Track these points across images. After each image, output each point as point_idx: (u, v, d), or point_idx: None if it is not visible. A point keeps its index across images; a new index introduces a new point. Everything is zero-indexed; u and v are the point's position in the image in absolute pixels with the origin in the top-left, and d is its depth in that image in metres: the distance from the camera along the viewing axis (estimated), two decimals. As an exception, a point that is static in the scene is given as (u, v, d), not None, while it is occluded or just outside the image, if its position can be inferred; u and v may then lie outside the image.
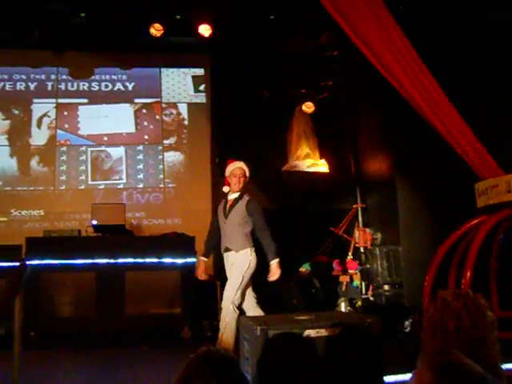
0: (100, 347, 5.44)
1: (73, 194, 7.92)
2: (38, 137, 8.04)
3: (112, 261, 5.86)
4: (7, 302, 3.03)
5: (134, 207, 7.77)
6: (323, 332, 2.82)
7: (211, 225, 4.83)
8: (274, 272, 4.50)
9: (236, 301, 4.41)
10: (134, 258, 5.96)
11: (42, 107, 8.14)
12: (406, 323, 5.42)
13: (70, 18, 7.42)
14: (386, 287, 6.78)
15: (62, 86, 8.21)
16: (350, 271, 7.19)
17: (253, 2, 7.16)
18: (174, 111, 8.36)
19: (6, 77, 8.13)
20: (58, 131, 8.08)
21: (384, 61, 4.85)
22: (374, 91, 7.24)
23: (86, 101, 8.22)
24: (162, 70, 8.43)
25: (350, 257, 7.39)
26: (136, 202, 7.90)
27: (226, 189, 4.77)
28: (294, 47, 7.81)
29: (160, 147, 8.20)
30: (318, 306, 7.22)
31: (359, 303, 6.97)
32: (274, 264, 4.49)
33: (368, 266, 7.09)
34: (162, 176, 8.09)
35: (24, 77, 8.17)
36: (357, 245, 7.54)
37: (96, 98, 8.24)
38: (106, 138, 8.15)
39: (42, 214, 7.74)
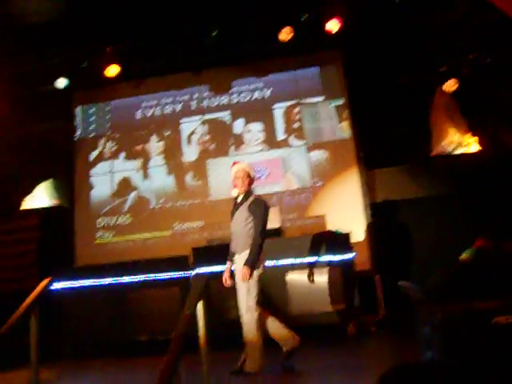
0: (268, 347, 5.64)
1: (226, 204, 8.28)
2: (189, 153, 8.63)
3: (272, 263, 6.04)
4: (194, 307, 3.30)
5: (286, 209, 7.91)
6: (515, 319, 2.63)
7: None
8: (239, 272, 4.38)
9: (252, 307, 4.42)
10: (294, 259, 6.11)
11: (190, 125, 8.72)
12: None
13: (204, 38, 7.89)
14: None
15: (205, 103, 8.73)
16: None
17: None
18: (313, 111, 8.40)
19: (155, 102, 8.87)
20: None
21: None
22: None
23: (228, 113, 8.65)
24: (297, 72, 8.53)
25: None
26: (287, 204, 8.06)
27: (233, 192, 4.71)
28: (427, 25, 7.45)
29: (304, 147, 8.31)
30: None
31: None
32: (244, 268, 4.34)
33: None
34: (309, 176, 8.19)
35: (170, 100, 8.83)
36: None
37: (237, 109, 8.62)
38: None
39: (202, 224, 8.25)
